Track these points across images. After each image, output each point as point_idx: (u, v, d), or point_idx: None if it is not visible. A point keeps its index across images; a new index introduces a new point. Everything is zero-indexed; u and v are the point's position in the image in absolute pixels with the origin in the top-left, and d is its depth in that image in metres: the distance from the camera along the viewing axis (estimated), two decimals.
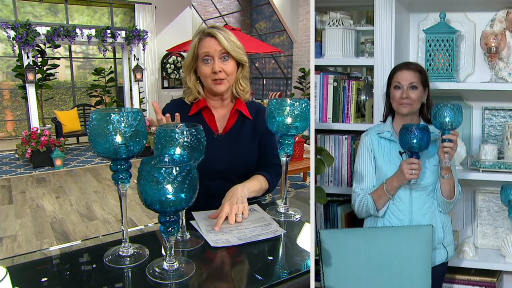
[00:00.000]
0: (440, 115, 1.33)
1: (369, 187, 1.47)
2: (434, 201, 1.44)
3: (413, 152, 1.33)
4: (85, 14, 9.52)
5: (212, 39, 1.44)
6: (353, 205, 1.50)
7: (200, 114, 1.55)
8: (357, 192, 1.48)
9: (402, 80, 1.42)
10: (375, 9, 1.65)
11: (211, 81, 1.47)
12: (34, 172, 6.21)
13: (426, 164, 1.41)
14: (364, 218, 1.53)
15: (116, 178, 1.00)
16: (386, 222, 1.45)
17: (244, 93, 1.56)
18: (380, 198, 1.42)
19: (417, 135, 1.30)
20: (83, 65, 10.64)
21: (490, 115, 1.75)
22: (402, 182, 1.37)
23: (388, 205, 1.43)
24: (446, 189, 1.40)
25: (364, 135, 1.52)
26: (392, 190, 1.40)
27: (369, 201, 1.44)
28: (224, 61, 1.45)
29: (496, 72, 1.70)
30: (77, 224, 4.16)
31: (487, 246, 1.79)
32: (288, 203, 1.43)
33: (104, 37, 7.03)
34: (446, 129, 1.33)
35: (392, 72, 1.48)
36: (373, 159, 1.47)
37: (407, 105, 1.41)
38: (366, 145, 1.49)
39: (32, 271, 1.04)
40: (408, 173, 1.33)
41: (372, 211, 1.44)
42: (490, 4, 1.69)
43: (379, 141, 1.47)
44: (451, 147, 1.32)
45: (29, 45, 6.29)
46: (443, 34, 1.68)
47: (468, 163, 1.69)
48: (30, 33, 6.24)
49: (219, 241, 1.15)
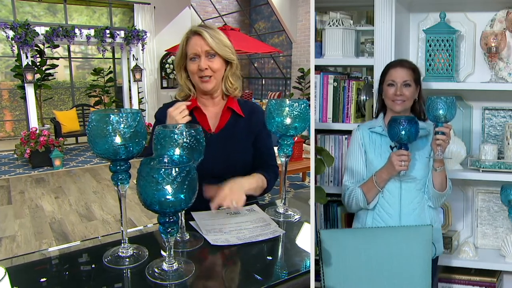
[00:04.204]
0: (433, 108, 1.35)
1: (360, 181, 1.48)
2: (425, 196, 1.45)
3: (402, 143, 1.34)
4: (84, 14, 9.51)
5: (198, 37, 1.48)
6: (343, 198, 1.52)
7: (192, 114, 1.56)
8: (347, 185, 1.50)
9: (396, 78, 1.43)
10: (375, 9, 1.65)
11: (198, 78, 1.50)
12: (33, 172, 6.20)
13: (416, 157, 1.43)
14: (354, 211, 1.54)
15: (115, 179, 1.00)
16: (375, 215, 1.46)
17: (233, 89, 1.58)
18: (370, 190, 1.43)
19: (406, 127, 1.31)
20: (82, 65, 10.63)
21: (490, 115, 1.75)
22: (392, 173, 1.39)
23: (378, 198, 1.44)
24: (438, 182, 1.41)
25: (355, 130, 1.53)
26: (382, 182, 1.41)
27: (358, 194, 1.45)
28: (210, 59, 1.48)
29: (496, 72, 1.70)
30: (76, 224, 4.15)
31: (487, 246, 1.79)
32: (287, 203, 1.43)
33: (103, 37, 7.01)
34: (439, 122, 1.36)
35: (386, 69, 1.49)
36: (364, 154, 1.49)
37: (400, 102, 1.43)
38: (357, 140, 1.50)
39: (31, 272, 1.04)
40: (398, 164, 1.34)
41: (362, 204, 1.45)
42: (490, 4, 1.69)
43: (370, 135, 1.49)
44: (443, 139, 1.35)
45: (28, 45, 6.28)
46: (443, 34, 1.67)
47: (468, 163, 1.69)
48: (29, 33, 6.22)
49: (219, 240, 1.15)
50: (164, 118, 1.56)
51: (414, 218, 1.43)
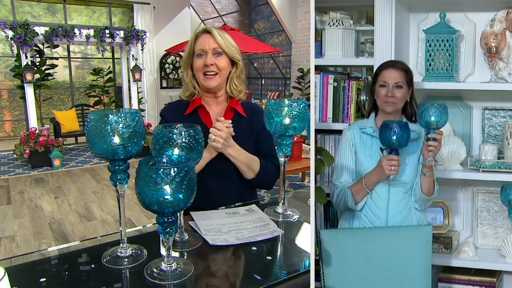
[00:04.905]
0: (426, 115, 1.35)
1: (349, 181, 1.48)
2: (411, 198, 1.44)
3: (393, 148, 1.34)
4: (83, 14, 9.50)
5: (207, 35, 1.52)
6: (332, 198, 1.51)
7: (196, 112, 1.60)
8: (336, 185, 1.49)
9: (388, 79, 1.43)
10: (375, 9, 1.64)
11: (203, 75, 1.53)
12: (32, 172, 6.20)
13: (406, 161, 1.42)
14: (341, 211, 1.54)
15: (114, 179, 1.00)
16: (363, 216, 1.45)
17: (237, 92, 1.60)
18: (359, 192, 1.43)
19: (397, 132, 1.31)
20: (81, 65, 10.62)
21: (490, 115, 1.74)
22: (381, 177, 1.38)
23: (366, 199, 1.44)
24: (426, 186, 1.41)
25: (346, 129, 1.52)
26: (371, 185, 1.41)
27: (347, 194, 1.44)
28: (217, 57, 1.52)
29: (496, 72, 1.69)
30: (76, 224, 4.15)
31: (487, 246, 1.78)
32: (287, 203, 1.43)
33: (103, 37, 7.01)
34: (431, 128, 1.35)
35: (378, 70, 1.48)
36: (354, 154, 1.49)
37: (391, 104, 1.43)
38: (348, 139, 1.50)
39: (30, 272, 1.03)
40: (388, 169, 1.34)
41: (350, 204, 1.45)
42: (490, 4, 1.69)
43: (361, 136, 1.49)
44: (435, 146, 1.34)
45: (28, 45, 6.27)
46: (443, 34, 1.67)
47: (468, 163, 1.68)
48: (29, 33, 6.22)
49: (218, 240, 1.15)
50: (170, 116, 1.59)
51: (401, 220, 1.43)
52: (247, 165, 1.53)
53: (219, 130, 1.43)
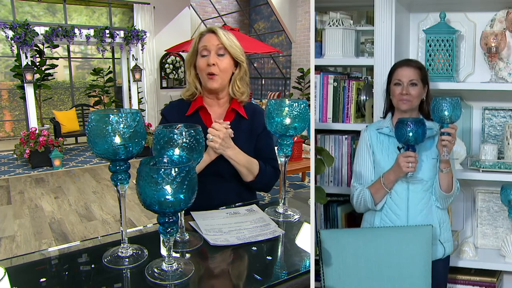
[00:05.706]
0: (438, 109, 1.35)
1: (368, 182, 1.48)
2: (432, 196, 1.44)
3: (410, 145, 1.34)
4: (83, 14, 9.50)
5: (212, 34, 1.52)
6: (352, 200, 1.51)
7: (198, 113, 1.59)
8: (356, 187, 1.50)
9: (402, 77, 1.44)
10: (375, 9, 1.64)
11: (205, 75, 1.52)
12: (32, 172, 6.20)
13: (423, 158, 1.42)
14: (362, 212, 1.54)
15: (115, 179, 1.00)
16: (383, 216, 1.46)
17: (240, 94, 1.59)
18: (378, 191, 1.43)
19: (413, 128, 1.31)
20: (81, 65, 10.62)
21: (490, 115, 1.75)
22: (399, 175, 1.38)
23: (385, 199, 1.44)
24: (444, 183, 1.41)
25: (363, 131, 1.53)
26: (390, 183, 1.41)
27: (366, 195, 1.45)
28: (220, 57, 1.51)
29: (496, 72, 1.69)
30: (76, 224, 4.15)
31: (487, 246, 1.79)
32: (287, 204, 1.43)
33: (103, 37, 7.00)
34: (444, 123, 1.35)
35: (393, 69, 1.49)
36: (372, 155, 1.49)
37: (406, 102, 1.43)
38: (365, 141, 1.50)
39: (30, 272, 1.03)
40: (405, 166, 1.34)
41: (370, 205, 1.45)
42: (490, 4, 1.69)
43: (378, 136, 1.49)
44: (449, 140, 1.34)
45: (28, 45, 6.27)
46: (443, 34, 1.67)
47: (468, 163, 1.68)
48: (29, 33, 6.22)
49: (218, 240, 1.15)
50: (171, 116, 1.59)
51: (422, 219, 1.42)
52: (246, 167, 1.53)
53: (217, 130, 1.43)
